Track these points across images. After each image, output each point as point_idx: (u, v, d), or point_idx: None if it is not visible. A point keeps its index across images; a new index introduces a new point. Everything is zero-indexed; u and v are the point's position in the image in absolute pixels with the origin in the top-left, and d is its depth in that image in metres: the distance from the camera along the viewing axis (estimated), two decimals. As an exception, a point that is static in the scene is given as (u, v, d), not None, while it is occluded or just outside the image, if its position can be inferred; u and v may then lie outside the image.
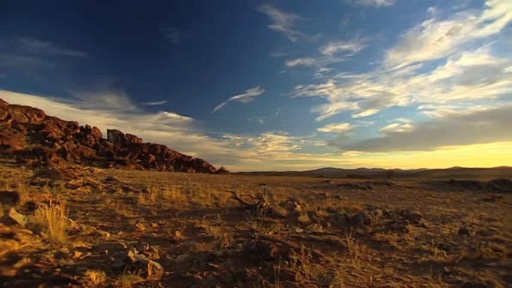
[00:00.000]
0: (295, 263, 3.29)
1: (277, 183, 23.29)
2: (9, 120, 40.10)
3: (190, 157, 53.58)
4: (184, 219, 6.00)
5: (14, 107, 42.93)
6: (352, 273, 3.37)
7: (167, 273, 3.00)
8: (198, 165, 50.08)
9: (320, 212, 7.59)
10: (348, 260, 3.96)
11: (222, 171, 47.84)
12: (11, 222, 4.13)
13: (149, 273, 2.76)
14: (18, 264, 2.82)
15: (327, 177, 38.52)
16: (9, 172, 14.53)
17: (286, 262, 3.26)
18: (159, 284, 2.57)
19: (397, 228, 5.96)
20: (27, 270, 2.58)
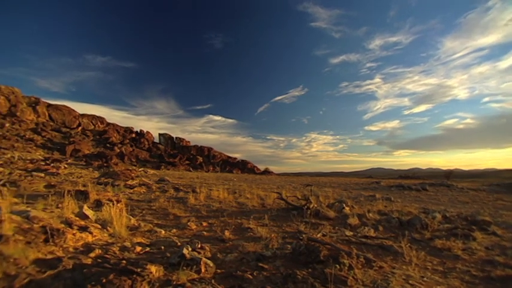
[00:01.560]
0: (346, 267, 3.17)
1: (323, 184, 22.70)
2: (79, 128, 45.48)
3: (235, 158, 54.94)
4: (232, 219, 6.16)
5: (83, 116, 48.60)
6: (410, 282, 3.13)
7: (219, 271, 3.10)
8: (243, 166, 51.06)
9: (371, 214, 7.21)
10: (404, 267, 3.68)
11: (266, 172, 48.14)
12: (85, 217, 4.66)
13: (202, 270, 2.89)
14: (92, 254, 3.17)
15: (377, 178, 36.46)
16: (81, 173, 16.39)
17: (337, 266, 3.16)
18: (212, 281, 2.67)
19: (462, 235, 5.38)
20: (99, 260, 2.88)
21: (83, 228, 4.05)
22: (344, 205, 7.94)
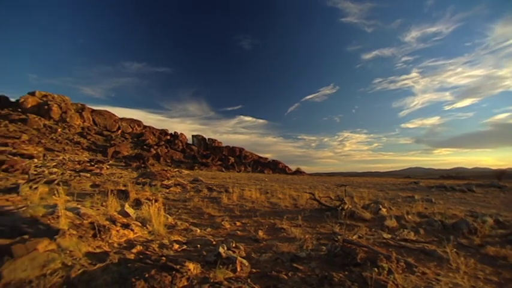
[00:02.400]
0: (385, 271, 3.04)
1: (357, 184, 21.95)
2: (119, 131, 48.53)
3: (266, 158, 55.15)
4: (265, 219, 6.19)
5: (122, 119, 51.83)
6: (458, 291, 2.92)
7: (254, 270, 3.14)
8: (275, 166, 51.07)
9: (410, 216, 6.83)
10: (451, 274, 3.44)
11: (298, 172, 47.69)
12: (126, 215, 4.95)
13: (238, 269, 2.94)
14: (134, 250, 3.37)
15: (415, 178, 34.47)
16: (121, 173, 17.46)
17: (376, 269, 3.04)
18: (248, 280, 2.70)
19: (519, 242, 4.89)
20: (141, 256, 3.05)
21: (125, 226, 4.31)
22: (380, 206, 7.61)
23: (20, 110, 42.21)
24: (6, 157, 18.02)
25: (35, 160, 19.54)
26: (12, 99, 45.78)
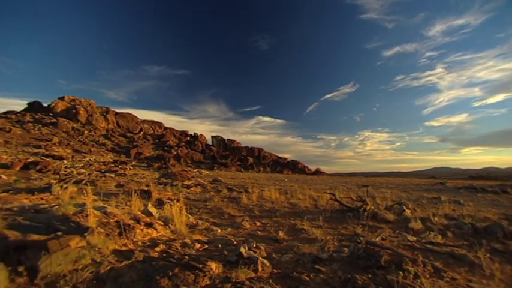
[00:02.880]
0: (412, 275, 2.93)
1: (379, 184, 21.37)
2: (141, 133, 50.12)
3: (285, 159, 54.90)
4: (285, 219, 6.16)
5: (144, 121, 53.50)
6: (493, 299, 2.76)
7: (275, 271, 3.13)
8: (294, 167, 50.75)
9: (436, 218, 6.55)
10: (484, 281, 3.25)
11: (317, 172, 47.10)
12: (149, 214, 5.09)
13: (259, 269, 2.94)
14: (158, 248, 3.46)
15: (441, 179, 33.05)
16: (143, 174, 18.00)
17: (401, 273, 2.94)
18: (270, 280, 2.70)
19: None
20: (165, 255, 3.14)
21: (149, 225, 4.44)
22: (404, 207, 7.36)
23: (51, 114, 44.60)
24: (40, 158, 19.10)
25: (65, 161, 20.57)
26: (45, 104, 48.47)
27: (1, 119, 37.22)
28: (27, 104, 48.90)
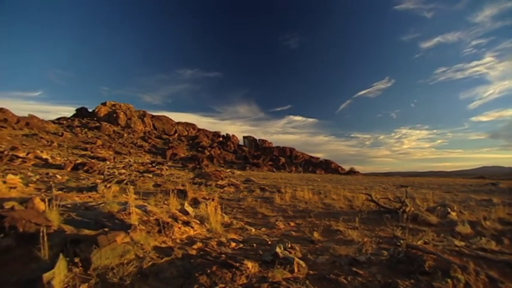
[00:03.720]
0: (462, 284, 2.72)
1: (419, 185, 20.16)
2: (176, 134, 52.23)
3: (318, 158, 53.91)
4: (319, 220, 6.06)
5: (178, 123, 55.72)
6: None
7: (311, 272, 3.09)
8: (327, 166, 49.64)
9: (488, 223, 6.02)
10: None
11: (352, 172, 45.62)
12: (186, 213, 5.28)
13: (295, 270, 2.92)
14: (195, 246, 3.58)
15: (492, 179, 30.30)
16: (179, 174, 18.72)
17: (449, 281, 2.75)
18: (307, 282, 2.67)
19: None
20: (202, 252, 3.24)
21: (186, 223, 4.61)
22: (449, 210, 6.86)
23: (95, 118, 48.10)
24: (87, 160, 20.68)
25: (107, 162, 22.05)
26: (90, 110, 52.38)
27: (55, 124, 40.90)
28: (76, 110, 53.23)
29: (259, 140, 57.38)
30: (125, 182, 11.66)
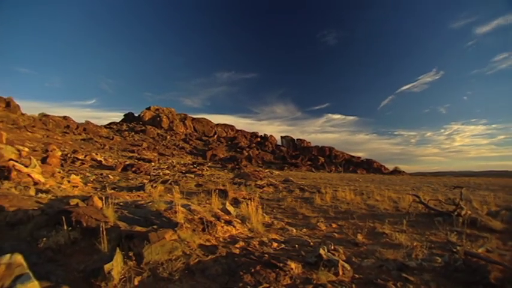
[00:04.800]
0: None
1: (475, 186, 18.36)
2: (215, 136, 53.86)
3: (359, 157, 51.73)
4: (363, 221, 5.81)
5: (217, 125, 57.42)
6: None
7: (356, 275, 2.98)
8: (369, 166, 47.48)
9: None
10: None
11: (396, 171, 43.05)
12: (227, 212, 5.40)
13: (340, 273, 2.84)
14: (238, 245, 3.65)
15: None
16: (219, 174, 19.26)
17: (518, 293, 2.46)
18: (353, 285, 2.59)
19: None
20: (245, 251, 3.29)
21: (228, 222, 4.72)
22: (515, 214, 6.14)
23: (141, 122, 51.49)
24: (134, 161, 22.22)
25: (152, 163, 23.45)
26: (136, 114, 56.24)
27: (106, 129, 44.64)
28: (124, 115, 57.54)
29: (297, 139, 56.76)
30: (169, 182, 12.31)
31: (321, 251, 3.01)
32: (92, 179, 12.20)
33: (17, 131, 25.45)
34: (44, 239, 2.90)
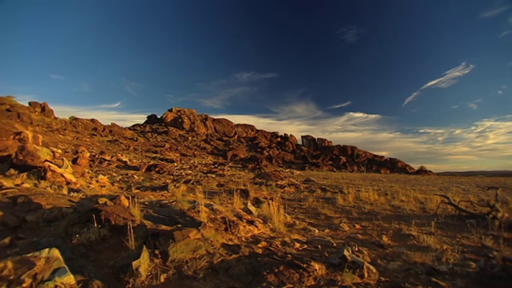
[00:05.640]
0: None
1: None
2: (236, 136, 54.32)
3: (382, 157, 50.07)
4: (388, 223, 5.63)
5: (237, 125, 57.86)
6: None
7: (382, 278, 2.88)
8: (392, 166, 45.86)
9: None
10: None
11: (422, 171, 41.23)
12: (249, 212, 5.42)
13: (365, 275, 2.77)
14: (260, 245, 3.66)
15: None
16: (240, 174, 19.39)
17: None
18: (379, 288, 2.51)
19: None
20: (267, 251, 3.29)
21: (250, 222, 4.73)
22: (557, 217, 5.70)
23: (163, 124, 52.89)
24: (157, 162, 22.87)
25: (175, 164, 24.01)
26: (158, 116, 57.86)
27: (130, 130, 46.27)
28: (147, 117, 59.33)
29: (318, 139, 55.84)
30: (191, 182, 12.55)
31: (345, 252, 2.94)
32: (118, 179, 12.69)
33: (51, 134, 26.99)
34: (77, 235, 3.05)
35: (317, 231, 5.01)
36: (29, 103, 33.01)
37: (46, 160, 7.98)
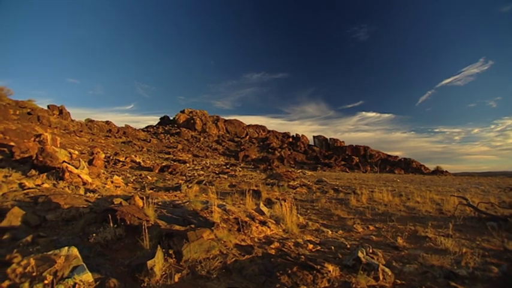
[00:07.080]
0: None
1: (533, 187, 16.52)
2: (247, 137, 54.47)
3: (396, 157, 49.07)
4: (402, 224, 5.51)
5: (249, 126, 58.03)
6: None
7: (398, 281, 2.82)
8: (407, 166, 44.87)
9: None
10: None
11: (438, 171, 40.15)
12: (261, 212, 5.42)
13: (380, 278, 2.71)
14: (273, 246, 3.65)
15: None
16: (251, 175, 19.42)
17: None
18: (395, 291, 2.46)
19: None
20: (280, 252, 3.28)
21: (263, 223, 4.72)
22: None
23: (176, 125, 53.61)
24: (170, 163, 23.19)
25: (187, 164, 24.29)
26: (171, 117, 58.70)
27: (144, 132, 47.13)
28: (160, 118, 60.37)
29: (330, 139, 55.27)
30: (203, 182, 12.66)
31: (360, 254, 2.90)
32: (132, 180, 12.94)
33: (68, 136, 27.82)
34: (94, 234, 3.13)
35: (330, 232, 4.95)
36: (48, 106, 34.21)
37: (64, 161, 8.24)
